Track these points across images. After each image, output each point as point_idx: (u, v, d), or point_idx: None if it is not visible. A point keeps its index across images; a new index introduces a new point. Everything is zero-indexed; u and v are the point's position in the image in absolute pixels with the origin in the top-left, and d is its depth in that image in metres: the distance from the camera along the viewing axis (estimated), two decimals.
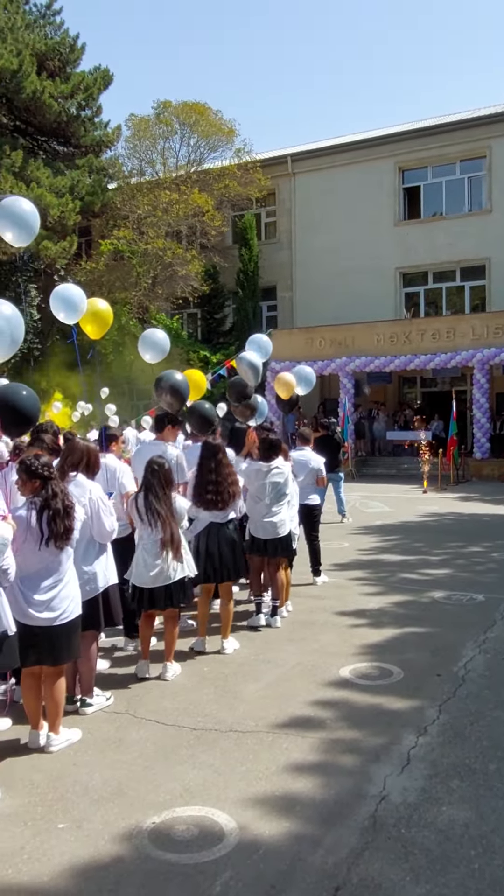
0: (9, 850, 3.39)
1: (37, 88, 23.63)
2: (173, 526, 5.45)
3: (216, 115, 26.55)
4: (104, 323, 7.41)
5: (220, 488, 6.04)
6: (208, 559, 6.10)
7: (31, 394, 4.89)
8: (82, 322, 7.24)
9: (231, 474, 6.16)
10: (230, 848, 3.34)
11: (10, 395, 4.75)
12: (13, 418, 4.74)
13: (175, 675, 5.58)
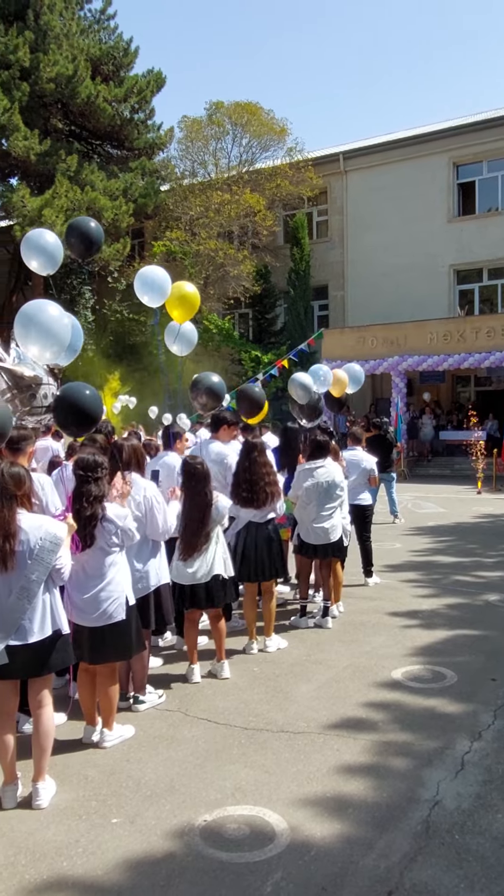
0: (64, 842, 3.46)
1: (91, 93, 23.99)
2: (207, 525, 5.45)
3: (268, 114, 26.59)
4: (191, 307, 7.17)
5: (254, 487, 6.01)
6: (245, 559, 6.10)
7: (95, 393, 4.90)
8: (169, 306, 7.13)
9: (269, 474, 6.11)
10: (281, 848, 3.34)
11: (74, 395, 4.75)
12: (76, 418, 4.76)
13: (228, 674, 5.60)
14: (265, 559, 6.10)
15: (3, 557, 3.66)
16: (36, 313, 4.56)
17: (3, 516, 3.69)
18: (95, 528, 4.30)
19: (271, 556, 6.14)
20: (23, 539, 3.73)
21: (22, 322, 4.56)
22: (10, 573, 3.70)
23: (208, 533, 5.43)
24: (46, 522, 3.86)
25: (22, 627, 3.72)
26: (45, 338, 4.54)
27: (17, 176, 25.06)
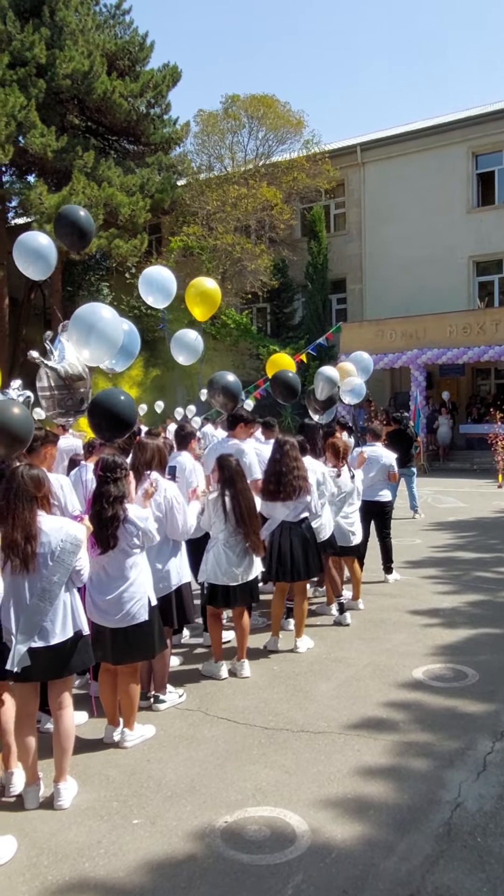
0: (86, 843, 3.48)
1: (107, 89, 23.99)
2: (254, 523, 5.45)
3: (284, 107, 26.45)
4: (212, 303, 7.04)
5: (282, 479, 5.99)
6: (280, 558, 6.09)
7: (129, 398, 4.90)
8: (189, 304, 7.03)
9: (298, 468, 6.11)
10: (302, 850, 3.34)
11: (109, 401, 4.75)
12: (111, 423, 4.77)
13: (249, 673, 5.61)
14: (301, 559, 6.08)
15: (24, 559, 3.67)
16: (92, 317, 4.58)
17: (24, 518, 3.70)
18: (117, 530, 4.31)
19: (307, 556, 6.12)
20: (44, 541, 3.74)
21: (78, 326, 4.56)
22: (31, 575, 3.72)
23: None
24: (66, 524, 3.87)
25: (44, 629, 3.74)
26: (100, 342, 4.56)
27: (34, 173, 25.15)
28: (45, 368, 4.57)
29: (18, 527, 3.67)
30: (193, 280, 7.12)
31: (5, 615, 3.72)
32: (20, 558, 3.67)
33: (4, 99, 21.38)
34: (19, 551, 3.66)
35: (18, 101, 21.71)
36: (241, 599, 5.52)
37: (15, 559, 3.67)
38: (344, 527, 7.00)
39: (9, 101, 21.42)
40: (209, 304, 6.99)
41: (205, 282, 7.10)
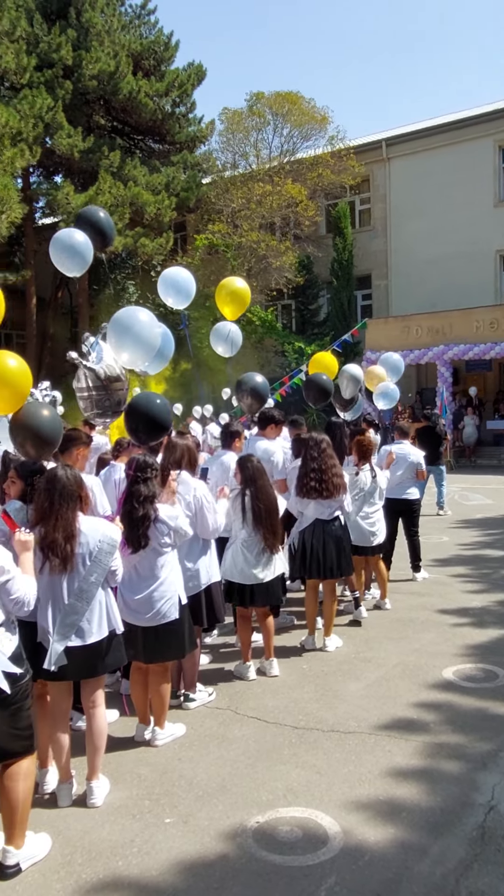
0: (119, 841, 3.50)
1: (133, 88, 24.09)
2: (273, 523, 5.46)
3: (308, 103, 26.37)
4: (242, 303, 7.06)
5: (323, 476, 5.99)
6: (313, 556, 6.08)
7: (165, 402, 4.94)
8: (219, 303, 7.06)
9: (335, 466, 6.10)
10: (335, 852, 3.33)
11: (145, 405, 4.79)
12: (147, 427, 4.80)
13: (278, 671, 5.61)
14: (334, 557, 6.06)
15: (64, 559, 3.71)
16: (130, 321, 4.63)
17: (67, 518, 3.74)
18: (148, 530, 4.33)
19: (340, 555, 6.11)
20: (82, 541, 3.79)
21: (116, 329, 4.62)
22: (69, 575, 3.75)
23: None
24: (103, 525, 3.92)
25: (80, 628, 3.78)
26: (137, 345, 4.59)
27: (61, 173, 25.33)
28: (84, 369, 4.61)
29: (60, 527, 3.71)
30: (223, 280, 7.11)
31: (42, 615, 3.76)
32: (60, 558, 3.70)
33: (32, 101, 21.55)
34: (59, 551, 3.70)
35: (46, 103, 21.87)
36: (259, 599, 5.51)
37: (54, 559, 3.70)
38: (364, 527, 6.96)
39: (36, 102, 21.59)
40: (239, 304, 7.00)
41: (235, 281, 7.10)
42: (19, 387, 3.89)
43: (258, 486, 5.42)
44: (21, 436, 4.07)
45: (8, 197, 19.28)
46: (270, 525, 5.44)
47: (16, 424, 4.06)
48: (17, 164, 20.74)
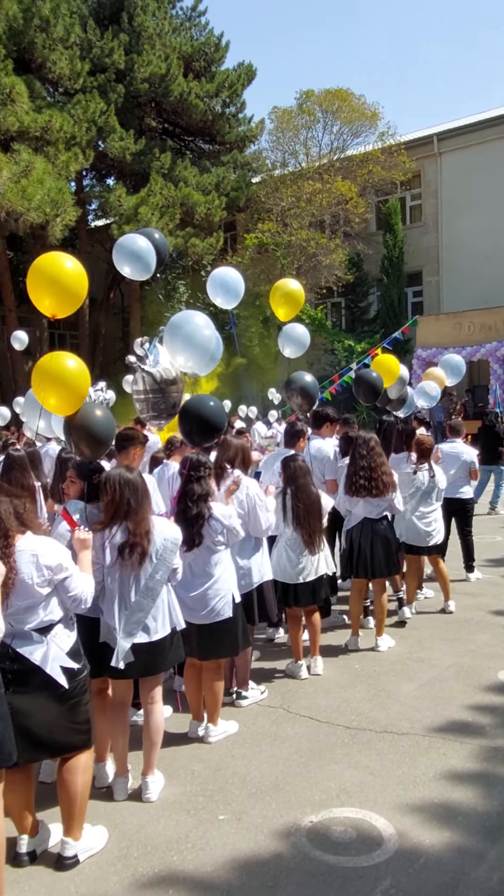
0: (174, 837, 3.54)
1: (184, 90, 24.25)
2: (313, 522, 5.44)
3: (359, 99, 26.18)
4: (296, 304, 7.09)
5: (373, 475, 5.96)
6: (360, 555, 6.05)
7: (218, 404, 4.96)
8: (274, 305, 7.10)
9: (384, 464, 6.07)
10: (389, 854, 3.31)
11: (198, 407, 4.85)
12: (201, 429, 4.86)
13: (322, 668, 5.61)
14: (381, 556, 6.03)
15: (142, 555, 3.80)
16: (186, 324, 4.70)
17: (145, 517, 3.84)
18: (203, 528, 4.37)
19: (387, 554, 6.07)
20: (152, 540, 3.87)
21: (172, 332, 4.70)
22: (138, 573, 3.82)
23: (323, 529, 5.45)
24: (167, 524, 4.00)
25: (147, 626, 3.85)
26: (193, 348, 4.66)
27: (113, 176, 25.65)
28: (141, 372, 4.67)
29: (141, 526, 3.80)
30: (278, 281, 7.12)
31: (108, 613, 3.83)
32: (139, 554, 3.78)
33: (85, 105, 21.87)
34: (138, 548, 3.77)
35: (98, 107, 22.18)
36: (303, 599, 5.51)
37: (133, 556, 3.78)
38: (420, 526, 6.87)
39: (89, 107, 21.91)
40: (293, 305, 7.01)
41: (289, 283, 7.11)
42: (78, 388, 3.95)
43: (299, 485, 5.42)
44: (76, 436, 4.14)
45: (63, 200, 19.60)
46: (309, 525, 5.43)
47: (71, 424, 4.13)
48: (72, 168, 21.07)
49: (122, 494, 3.79)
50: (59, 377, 3.90)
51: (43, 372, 3.92)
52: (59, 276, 4.00)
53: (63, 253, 4.17)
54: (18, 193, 18.02)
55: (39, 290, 4.03)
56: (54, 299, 4.04)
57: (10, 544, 3.16)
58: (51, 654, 3.25)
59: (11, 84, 19.07)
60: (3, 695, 3.00)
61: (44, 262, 4.04)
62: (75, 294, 4.07)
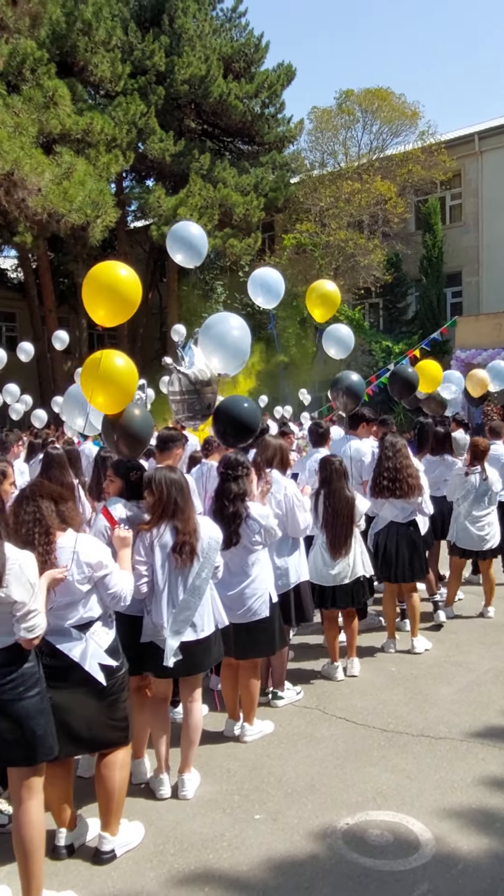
0: (210, 835, 3.55)
1: (223, 91, 24.31)
2: (346, 525, 5.41)
3: (399, 99, 25.96)
4: (332, 306, 7.09)
5: (397, 475, 5.90)
6: (385, 559, 6.01)
7: (253, 405, 4.98)
8: (309, 306, 7.12)
9: (410, 466, 6.01)
10: (426, 859, 3.28)
11: (232, 408, 4.87)
12: (234, 430, 4.89)
13: (359, 670, 5.59)
14: (407, 560, 5.99)
15: (191, 552, 3.84)
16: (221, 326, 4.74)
17: (192, 517, 3.89)
18: (240, 527, 4.38)
19: (413, 558, 6.02)
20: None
21: (208, 334, 4.74)
22: (185, 571, 3.85)
23: (354, 532, 5.42)
24: (209, 524, 4.03)
25: (194, 623, 3.88)
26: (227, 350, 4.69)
27: (152, 177, 25.83)
28: (177, 374, 4.70)
29: (190, 525, 3.84)
30: (313, 283, 7.12)
31: (156, 612, 3.86)
32: (189, 552, 3.82)
33: (126, 107, 22.07)
34: (187, 546, 3.81)
35: (139, 109, 22.36)
36: (340, 601, 5.50)
37: (184, 554, 3.81)
38: (472, 530, 6.78)
39: (130, 109, 22.11)
40: (329, 306, 7.00)
41: (325, 284, 7.10)
42: (126, 386, 3.98)
43: (332, 489, 5.41)
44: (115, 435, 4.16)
45: (103, 201, 19.79)
46: (335, 528, 5.39)
47: (111, 424, 4.17)
48: (112, 170, 21.27)
49: (170, 494, 3.83)
50: (108, 375, 3.93)
51: (91, 370, 3.96)
52: (116, 285, 3.99)
53: (117, 262, 4.18)
54: (60, 195, 18.24)
55: (95, 299, 4.03)
56: (108, 310, 4.06)
57: (51, 541, 3.20)
58: (89, 651, 3.29)
59: (54, 87, 19.32)
60: (45, 690, 3.04)
61: (100, 272, 4.04)
62: (130, 303, 4.07)
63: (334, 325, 7.37)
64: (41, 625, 2.93)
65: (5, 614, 2.87)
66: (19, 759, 2.97)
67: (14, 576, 2.83)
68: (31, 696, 2.95)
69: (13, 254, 29.06)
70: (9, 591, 2.81)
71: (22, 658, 2.96)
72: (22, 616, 2.86)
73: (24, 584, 2.85)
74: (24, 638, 2.89)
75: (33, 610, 2.88)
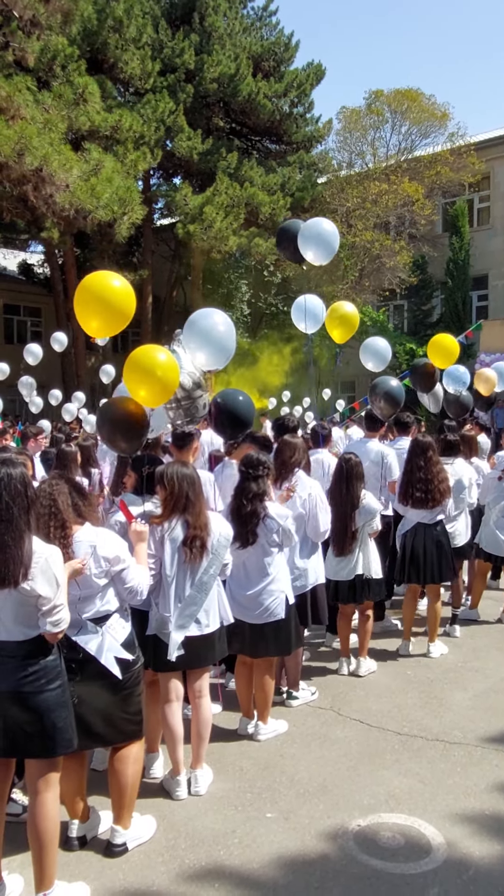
0: (221, 831, 3.56)
1: (252, 90, 24.31)
2: (348, 522, 5.40)
3: (428, 99, 25.83)
4: (351, 327, 7.10)
5: (429, 486, 5.88)
6: (412, 560, 5.98)
7: (247, 398, 5.03)
8: (328, 326, 7.11)
9: (441, 471, 5.98)
10: (438, 863, 3.27)
11: (230, 401, 4.91)
12: (230, 422, 4.91)
13: (369, 671, 5.58)
14: (434, 562, 5.95)
15: (202, 547, 3.85)
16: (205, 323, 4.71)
17: (203, 512, 3.90)
18: (257, 527, 4.38)
19: (441, 559, 5.99)
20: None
21: (192, 332, 4.68)
22: (194, 567, 3.86)
23: (355, 533, 5.42)
24: (220, 520, 4.05)
25: (199, 619, 3.89)
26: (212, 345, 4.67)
27: (180, 175, 25.90)
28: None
29: (201, 520, 3.85)
30: (333, 304, 7.15)
31: (164, 605, 3.87)
32: (199, 547, 3.83)
33: (155, 105, 22.14)
34: (198, 541, 3.83)
35: (167, 107, 22.43)
36: (349, 597, 5.51)
37: (194, 549, 3.83)
38: (501, 536, 6.71)
39: (159, 106, 22.18)
40: (348, 327, 7.04)
41: (344, 305, 7.13)
42: (168, 381, 4.01)
43: (338, 486, 5.43)
44: (109, 429, 4.15)
45: (130, 199, 19.87)
46: (335, 524, 5.38)
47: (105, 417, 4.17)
48: (140, 167, 21.34)
49: (181, 488, 3.83)
50: (150, 370, 3.95)
51: (134, 364, 3.98)
52: (108, 296, 3.93)
53: (110, 272, 4.16)
54: (88, 191, 18.33)
55: (87, 310, 3.98)
56: (101, 321, 4.03)
57: (67, 535, 3.23)
58: (105, 644, 3.31)
59: (84, 84, 19.41)
60: (66, 683, 3.06)
61: (92, 283, 3.99)
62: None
63: (372, 338, 7.35)
64: (66, 619, 2.96)
65: (30, 607, 2.90)
66: (38, 752, 2.99)
67: (40, 570, 2.85)
68: (52, 688, 2.97)
69: (40, 249, 29.29)
70: (34, 584, 2.84)
71: (45, 651, 2.98)
72: (48, 610, 2.89)
73: (50, 579, 2.88)
74: (49, 632, 2.92)
75: (59, 604, 2.91)
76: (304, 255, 6.38)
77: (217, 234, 22.66)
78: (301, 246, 6.33)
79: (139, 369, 3.96)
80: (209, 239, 22.79)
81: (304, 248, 6.32)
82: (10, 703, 2.91)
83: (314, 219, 6.55)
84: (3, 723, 2.92)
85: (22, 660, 2.93)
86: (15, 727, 2.93)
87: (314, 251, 6.33)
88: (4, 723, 2.92)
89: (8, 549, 2.80)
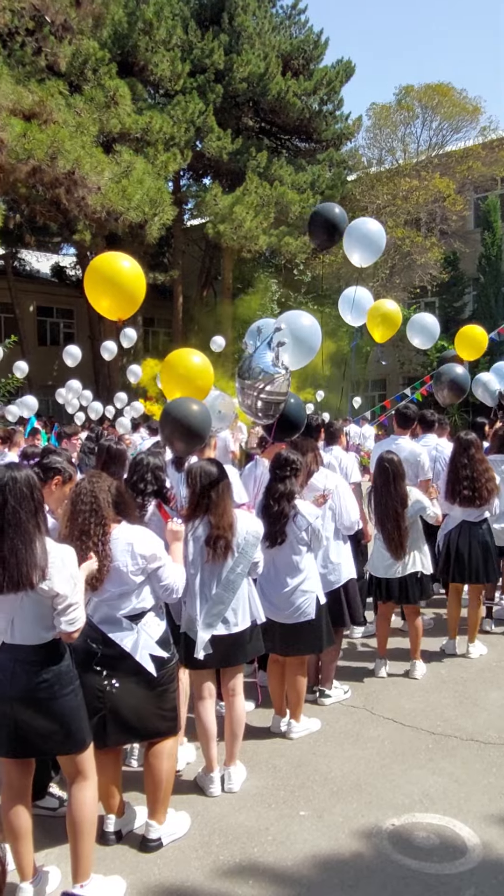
0: (255, 828, 3.57)
1: (281, 89, 24.32)
2: (399, 521, 5.36)
3: (460, 94, 25.61)
4: (393, 325, 6.97)
5: (476, 484, 5.82)
6: (457, 559, 5.92)
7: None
8: (369, 325, 7.02)
9: (488, 470, 5.92)
10: (474, 864, 3.24)
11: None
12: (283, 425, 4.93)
13: (423, 674, 5.53)
14: (479, 561, 5.90)
15: (226, 547, 3.85)
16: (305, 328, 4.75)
17: (229, 510, 3.90)
18: (286, 526, 4.38)
19: (485, 559, 5.93)
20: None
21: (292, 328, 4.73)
22: (220, 565, 3.87)
23: (407, 529, 5.37)
24: (249, 518, 4.04)
25: (226, 618, 3.90)
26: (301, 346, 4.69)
27: (209, 175, 25.99)
28: (283, 376, 4.73)
29: (226, 519, 3.86)
30: (375, 302, 7.03)
31: (191, 604, 3.90)
32: (223, 547, 3.84)
33: (185, 106, 22.26)
34: (222, 541, 3.83)
35: (197, 108, 22.53)
36: (398, 594, 5.46)
37: (217, 548, 3.84)
38: None
39: (189, 107, 22.29)
40: (390, 326, 6.87)
41: (386, 304, 6.99)
42: (201, 384, 4.04)
43: (382, 487, 5.37)
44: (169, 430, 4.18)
45: (161, 199, 20.01)
46: (385, 526, 5.36)
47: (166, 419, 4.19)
48: (170, 168, 21.49)
49: (203, 487, 3.85)
50: (185, 373, 3.99)
51: (170, 367, 4.02)
52: (117, 277, 3.98)
53: (120, 253, 4.20)
54: (119, 193, 18.50)
55: (97, 291, 4.04)
56: (112, 300, 4.07)
57: (106, 532, 3.27)
58: (140, 641, 3.34)
59: (115, 87, 19.60)
60: (78, 686, 3.06)
61: (101, 263, 4.03)
62: (133, 294, 4.04)
63: (419, 314, 7.24)
64: (81, 618, 2.96)
65: (46, 608, 2.92)
66: (55, 751, 3.04)
67: (56, 569, 2.88)
68: (66, 693, 2.98)
69: (72, 252, 29.60)
70: (52, 583, 2.86)
71: (58, 656, 2.99)
72: (63, 609, 2.90)
73: (66, 578, 2.90)
74: (64, 631, 2.93)
75: (74, 603, 2.93)
76: (349, 257, 6.32)
77: (247, 234, 22.71)
78: (346, 248, 6.25)
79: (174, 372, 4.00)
80: (239, 238, 22.85)
81: (350, 250, 6.24)
82: (23, 707, 2.92)
83: (360, 218, 6.45)
84: (16, 725, 2.94)
85: (36, 666, 2.94)
86: (28, 729, 2.94)
87: (360, 253, 6.24)
88: (17, 725, 2.94)
89: (19, 553, 2.80)
